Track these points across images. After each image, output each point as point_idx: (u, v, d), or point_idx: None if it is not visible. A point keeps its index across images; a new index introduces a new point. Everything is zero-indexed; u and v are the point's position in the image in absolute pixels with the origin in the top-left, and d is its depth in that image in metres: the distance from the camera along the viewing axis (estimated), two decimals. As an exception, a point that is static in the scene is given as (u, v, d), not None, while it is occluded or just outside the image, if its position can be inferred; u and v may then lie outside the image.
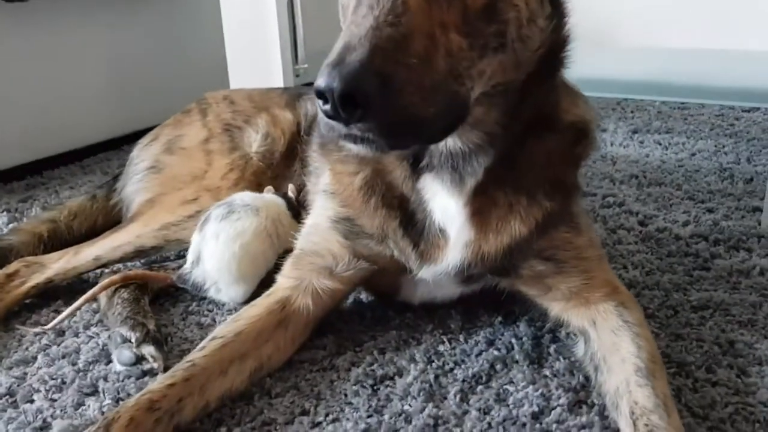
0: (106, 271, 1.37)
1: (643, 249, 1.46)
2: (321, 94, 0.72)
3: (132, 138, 2.36)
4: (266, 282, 1.22)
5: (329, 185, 1.12)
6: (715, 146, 2.15)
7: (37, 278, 1.30)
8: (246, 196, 1.35)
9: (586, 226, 1.12)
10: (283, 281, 1.13)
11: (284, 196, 1.40)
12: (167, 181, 1.46)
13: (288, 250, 1.20)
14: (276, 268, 1.20)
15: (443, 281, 1.09)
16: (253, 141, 1.52)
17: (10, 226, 1.66)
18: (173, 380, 0.94)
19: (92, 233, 1.53)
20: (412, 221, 1.05)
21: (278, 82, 2.16)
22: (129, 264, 1.39)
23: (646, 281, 1.32)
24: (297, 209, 1.37)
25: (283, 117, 1.58)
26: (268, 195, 1.38)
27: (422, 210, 1.04)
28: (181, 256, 1.43)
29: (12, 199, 1.87)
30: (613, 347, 0.99)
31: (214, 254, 1.26)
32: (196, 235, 1.29)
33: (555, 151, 1.04)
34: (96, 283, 1.31)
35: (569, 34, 0.99)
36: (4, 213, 1.75)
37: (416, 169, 1.02)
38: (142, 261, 1.41)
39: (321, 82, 0.71)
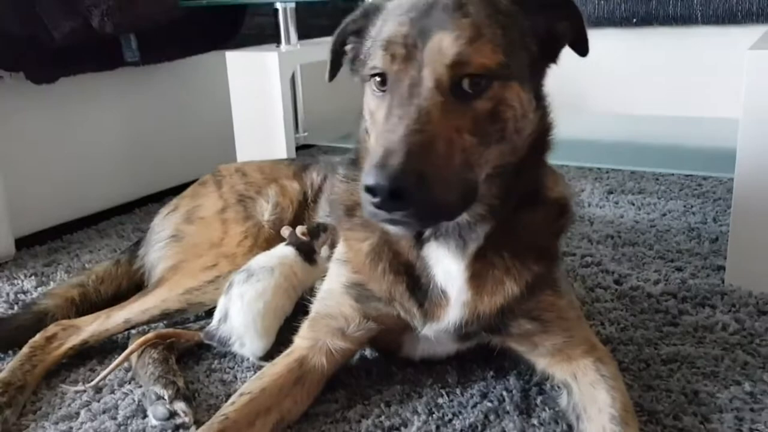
0: (134, 332, 1.51)
1: (619, 306, 1.62)
2: (371, 191, 0.90)
3: (142, 202, 2.53)
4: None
5: (343, 254, 1.27)
6: (684, 206, 2.33)
7: (74, 340, 1.43)
8: (261, 259, 1.49)
9: (566, 289, 1.28)
10: (300, 342, 1.28)
11: (296, 242, 1.52)
12: (188, 249, 1.61)
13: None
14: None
15: (443, 339, 1.24)
16: (265, 210, 1.67)
17: (39, 289, 1.81)
18: None
19: (118, 295, 1.68)
20: (417, 285, 1.19)
21: (281, 149, 2.33)
22: (154, 325, 1.53)
23: (621, 337, 1.48)
24: (309, 248, 1.50)
25: (290, 187, 1.74)
26: (280, 250, 1.51)
27: (426, 274, 1.18)
28: (199, 317, 1.58)
29: (37, 263, 2.00)
30: (591, 399, 1.15)
31: (241, 312, 1.41)
32: (222, 298, 1.43)
33: (542, 223, 1.20)
34: (126, 343, 1.46)
35: (552, 123, 1.16)
36: (32, 277, 1.89)
37: (420, 239, 1.17)
38: (165, 323, 1.55)
39: (370, 181, 0.89)
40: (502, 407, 1.25)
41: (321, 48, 2.56)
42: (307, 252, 1.49)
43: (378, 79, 1.04)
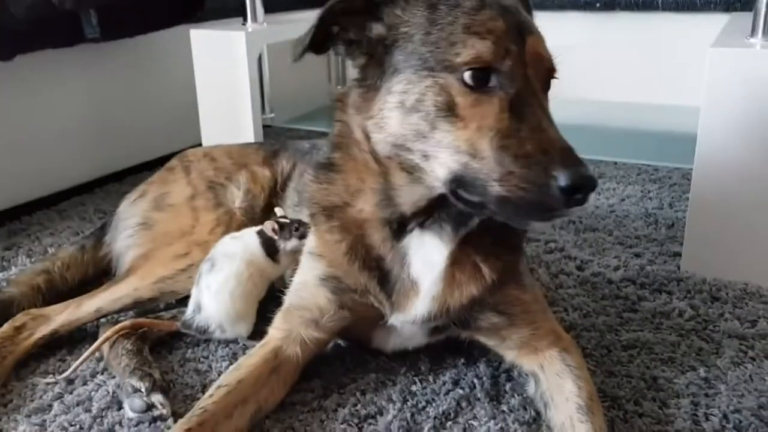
0: (104, 321, 1.50)
1: (581, 292, 1.68)
2: (576, 189, 0.93)
3: (103, 181, 2.49)
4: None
5: (316, 248, 1.28)
6: (642, 192, 2.40)
7: (44, 330, 1.42)
8: (224, 244, 1.50)
9: (530, 283, 1.32)
10: (275, 333, 1.29)
11: (260, 232, 1.50)
12: (158, 237, 1.60)
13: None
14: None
15: (413, 332, 1.27)
16: (236, 197, 1.67)
17: (1, 274, 1.78)
18: (189, 425, 1.09)
19: (84, 282, 1.67)
20: (387, 278, 1.21)
21: (248, 130, 2.31)
22: (125, 314, 1.52)
23: (584, 323, 1.54)
24: (272, 246, 1.48)
25: (261, 174, 1.74)
26: (247, 236, 1.51)
27: (398, 266, 1.20)
28: (170, 306, 1.58)
29: (-4, 246, 1.96)
30: (558, 388, 1.20)
31: (212, 302, 1.43)
32: (194, 289, 1.44)
33: None
34: (96, 332, 1.45)
35: None
36: (-7, 262, 1.86)
37: (402, 231, 1.18)
38: (136, 312, 1.54)
39: (576, 179, 0.92)
40: (473, 394, 1.30)
41: (289, 27, 2.56)
42: (269, 248, 1.48)
43: (471, 73, 1.00)
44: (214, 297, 1.42)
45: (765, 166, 1.64)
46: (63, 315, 1.45)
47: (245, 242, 1.49)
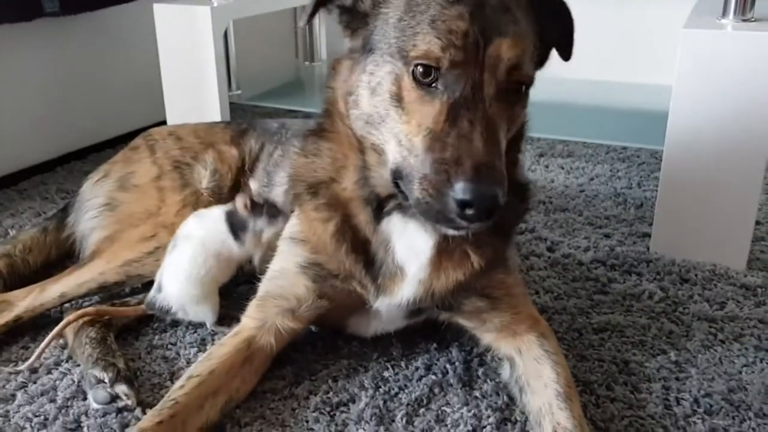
0: (68, 306, 1.46)
1: (552, 274, 1.68)
2: (468, 205, 0.92)
3: (65, 159, 2.42)
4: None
5: (299, 233, 1.25)
6: (611, 171, 2.41)
7: (6, 317, 1.38)
8: (188, 224, 1.46)
9: (514, 266, 1.32)
10: (248, 321, 1.26)
11: (228, 211, 1.46)
12: (124, 218, 1.55)
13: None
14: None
15: (393, 314, 1.26)
16: (203, 177, 1.63)
17: (-41, 258, 1.72)
18: (161, 418, 1.07)
19: (47, 265, 1.63)
20: (373, 261, 1.19)
21: (214, 107, 2.25)
22: (89, 299, 1.48)
23: (556, 306, 1.54)
24: (239, 224, 1.44)
25: (229, 153, 1.70)
26: (212, 216, 1.47)
27: (383, 249, 1.18)
28: (136, 290, 1.54)
29: (-46, 228, 1.89)
30: (536, 373, 1.19)
31: (172, 281, 1.40)
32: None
33: (507, 204, 1.22)
34: (60, 318, 1.41)
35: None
36: (-49, 245, 1.79)
37: (380, 212, 1.16)
38: (102, 296, 1.50)
39: (473, 195, 0.92)
40: (446, 380, 1.29)
41: (255, 1, 2.49)
42: (236, 226, 1.44)
43: (421, 69, 0.99)
44: (173, 278, 1.39)
45: (735, 146, 1.65)
46: (26, 300, 1.41)
47: (207, 221, 1.45)
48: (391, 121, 1.03)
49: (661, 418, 1.19)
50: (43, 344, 1.31)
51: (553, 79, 1.15)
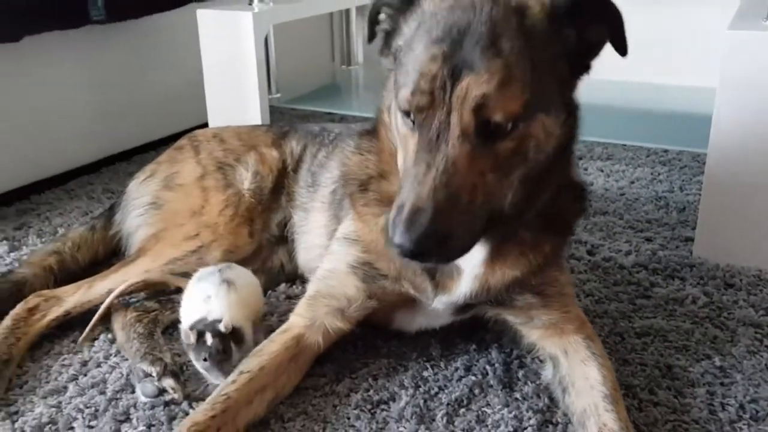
0: (115, 301, 1.49)
1: (593, 278, 1.67)
2: (398, 248, 0.96)
3: (110, 161, 2.48)
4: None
5: (353, 232, 1.27)
6: (651, 174, 2.38)
7: (56, 312, 1.42)
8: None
9: (566, 266, 1.32)
10: (298, 320, 1.28)
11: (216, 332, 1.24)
12: (168, 217, 1.59)
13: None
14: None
15: (442, 311, 1.26)
16: (245, 179, 1.66)
17: (12, 254, 1.78)
18: (214, 412, 1.10)
19: (95, 262, 1.67)
20: None
21: (255, 110, 2.29)
22: (138, 295, 1.52)
23: (597, 309, 1.53)
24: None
25: (270, 155, 1.72)
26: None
27: None
28: (180, 289, 1.57)
29: (7, 227, 1.95)
30: (582, 374, 1.19)
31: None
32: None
33: (563, 205, 1.21)
34: (108, 313, 1.45)
35: (579, 120, 1.13)
36: (4, 242, 1.85)
37: None
38: (147, 293, 1.53)
39: (398, 240, 0.95)
40: (486, 381, 1.29)
41: (295, 6, 2.53)
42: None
43: (404, 113, 1.02)
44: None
45: (781, 150, 1.62)
46: (75, 296, 1.45)
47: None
48: (399, 154, 1.09)
49: (705, 423, 1.18)
50: (93, 320, 1.38)
51: (595, 82, 1.11)
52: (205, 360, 1.22)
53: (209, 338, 1.22)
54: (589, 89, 1.11)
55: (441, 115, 0.97)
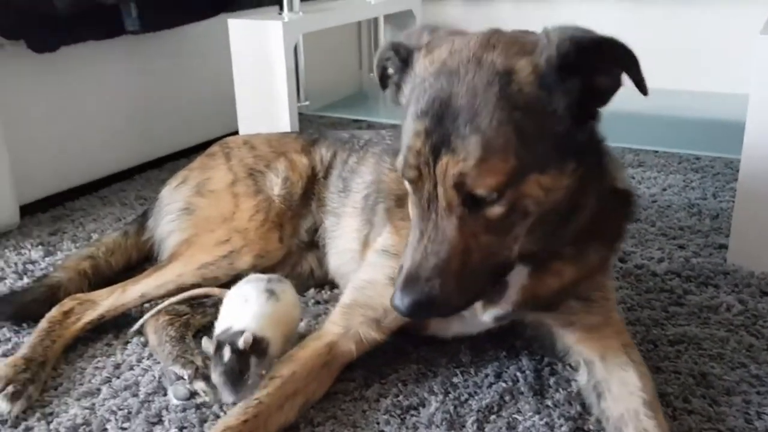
0: (147, 306, 1.51)
1: (625, 285, 1.65)
2: (395, 309, 1.02)
3: (142, 168, 2.52)
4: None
5: (391, 245, 1.28)
6: (684, 181, 2.35)
7: (91, 315, 1.44)
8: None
9: (612, 271, 1.31)
10: (332, 327, 1.28)
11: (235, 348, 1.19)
12: (200, 223, 1.61)
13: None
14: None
15: (478, 321, 1.25)
16: (275, 185, 1.67)
17: (47, 259, 1.81)
18: (246, 417, 1.11)
19: (128, 267, 1.70)
20: None
21: (284, 118, 2.31)
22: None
23: (629, 317, 1.51)
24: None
25: (299, 162, 1.73)
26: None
27: None
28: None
29: (42, 232, 1.99)
30: (620, 379, 1.18)
31: None
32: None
33: (610, 214, 1.19)
34: (140, 317, 1.46)
35: (603, 149, 1.13)
36: (39, 246, 1.88)
37: None
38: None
39: (395, 303, 1.02)
40: (517, 387, 1.29)
41: (324, 16, 2.55)
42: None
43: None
44: None
45: (817, 156, 1.59)
46: (109, 300, 1.47)
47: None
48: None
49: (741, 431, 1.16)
50: (145, 317, 1.41)
51: (627, 89, 1.09)
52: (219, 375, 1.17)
53: (227, 353, 1.17)
54: (620, 96, 1.08)
55: (429, 186, 1.00)
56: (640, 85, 1.01)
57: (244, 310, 1.27)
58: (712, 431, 1.16)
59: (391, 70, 1.17)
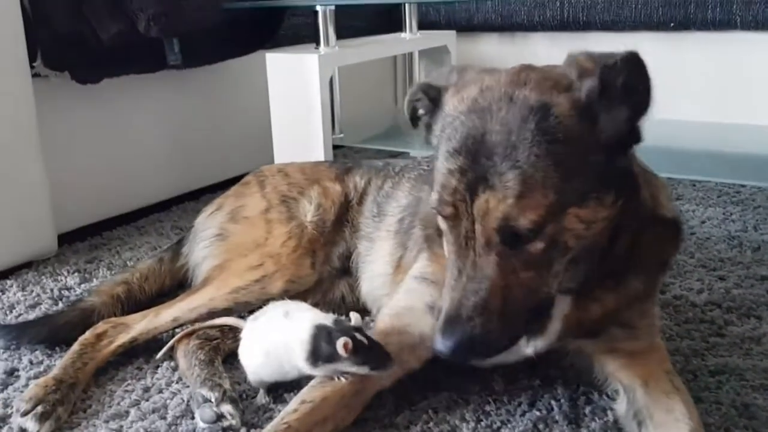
0: (178, 331, 1.51)
1: (663, 316, 1.60)
2: (438, 353, 1.02)
3: (180, 200, 2.56)
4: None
5: (430, 273, 1.27)
6: (723, 214, 2.30)
7: (123, 338, 1.45)
8: (273, 312, 1.34)
9: (658, 298, 1.29)
10: None
11: (319, 328, 1.21)
12: (233, 248, 1.62)
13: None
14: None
15: (519, 351, 1.21)
16: (308, 211, 1.68)
17: (82, 285, 1.84)
18: None
19: (162, 293, 1.71)
20: None
21: (319, 149, 2.33)
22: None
23: (668, 347, 1.45)
24: (319, 349, 1.18)
25: (333, 189, 1.74)
26: (300, 323, 1.24)
27: None
28: (242, 317, 1.59)
29: (79, 259, 2.03)
30: (664, 407, 1.14)
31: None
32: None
33: (656, 243, 1.17)
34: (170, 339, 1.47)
35: (637, 183, 1.10)
36: (75, 273, 1.92)
37: None
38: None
39: (437, 347, 1.01)
40: (551, 416, 1.25)
41: (359, 50, 2.59)
42: (317, 351, 1.19)
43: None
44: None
45: None
46: (142, 323, 1.48)
47: (290, 327, 1.25)
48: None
49: (787, 464, 1.11)
50: (173, 339, 1.42)
51: (661, 121, 1.06)
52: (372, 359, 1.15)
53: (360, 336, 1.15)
54: (660, 129, 1.07)
55: (466, 224, 1.00)
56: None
57: (299, 318, 1.25)
58: (756, 463, 1.11)
59: (421, 111, 1.17)
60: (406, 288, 1.31)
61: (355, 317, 1.24)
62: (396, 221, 1.57)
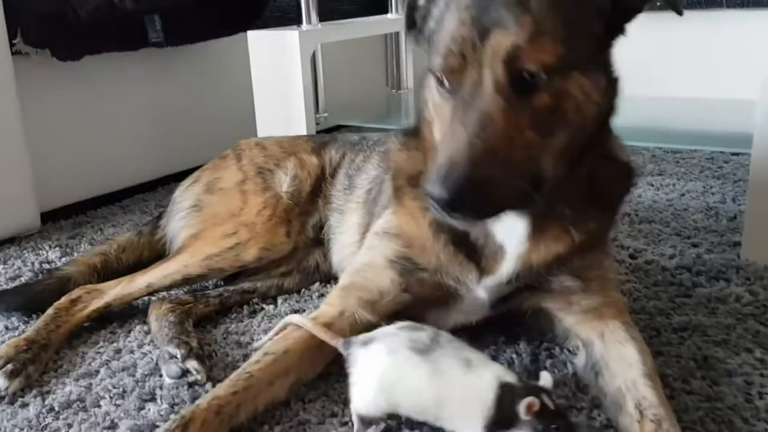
0: (154, 298, 1.54)
1: (633, 279, 1.63)
2: (433, 199, 0.95)
3: (165, 180, 2.58)
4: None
5: (393, 227, 1.28)
6: (704, 187, 2.32)
7: (97, 303, 1.47)
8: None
9: (611, 250, 1.29)
10: (328, 309, 1.28)
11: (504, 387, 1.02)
12: (208, 218, 1.64)
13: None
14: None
15: (478, 304, 1.25)
16: (283, 182, 1.70)
17: (63, 259, 1.86)
18: (235, 389, 1.10)
19: (139, 265, 1.71)
20: (474, 247, 1.20)
21: (302, 129, 2.36)
22: (175, 291, 1.57)
23: (633, 306, 1.48)
24: (500, 415, 0.99)
25: (309, 161, 1.76)
26: (482, 373, 1.06)
27: (484, 233, 1.19)
28: (218, 285, 1.62)
29: (62, 235, 2.06)
30: (618, 355, 1.15)
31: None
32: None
33: (609, 181, 1.20)
34: (146, 308, 1.49)
35: (618, 90, 1.13)
36: (57, 248, 1.94)
37: None
38: (186, 289, 1.59)
39: (434, 191, 0.95)
40: (511, 369, 1.26)
41: (342, 28, 2.61)
42: (499, 418, 0.99)
43: (438, 80, 1.05)
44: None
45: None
46: (116, 289, 1.50)
47: (472, 376, 1.05)
48: (435, 127, 1.12)
49: (740, 410, 1.12)
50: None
51: (646, 98, 1.08)
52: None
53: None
54: (642, 106, 1.09)
55: (473, 73, 0.99)
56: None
57: (481, 369, 1.06)
58: (709, 409, 1.12)
59: (421, 1, 1.17)
60: (368, 245, 1.33)
61: (545, 378, 1.04)
62: (364, 192, 1.58)
